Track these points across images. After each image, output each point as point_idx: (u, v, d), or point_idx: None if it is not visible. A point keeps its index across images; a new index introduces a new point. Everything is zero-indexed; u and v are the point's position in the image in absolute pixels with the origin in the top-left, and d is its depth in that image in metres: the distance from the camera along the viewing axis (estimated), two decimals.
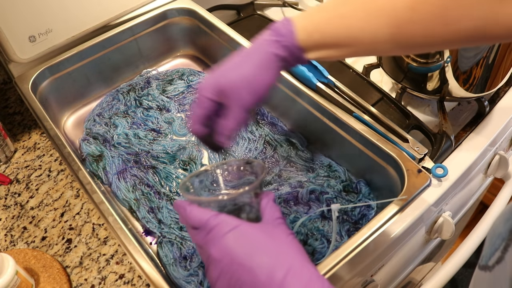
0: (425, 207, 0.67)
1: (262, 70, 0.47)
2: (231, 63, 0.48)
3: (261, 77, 0.47)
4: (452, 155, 0.74)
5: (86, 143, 0.75)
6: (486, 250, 0.44)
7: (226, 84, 0.47)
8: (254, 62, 0.47)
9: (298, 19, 0.46)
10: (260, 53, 0.47)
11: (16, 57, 0.75)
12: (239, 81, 0.46)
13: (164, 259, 0.61)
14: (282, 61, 0.47)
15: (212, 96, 0.48)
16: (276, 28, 0.46)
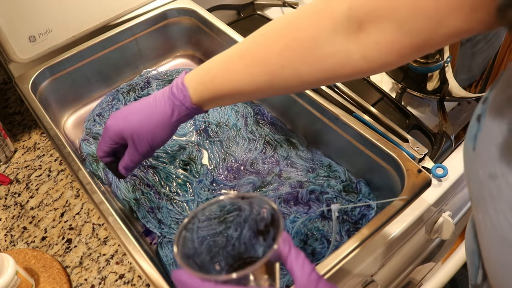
0: (425, 207, 0.67)
1: (161, 129, 0.54)
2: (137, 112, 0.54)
3: (160, 134, 0.54)
4: (452, 155, 0.74)
5: (86, 143, 0.75)
6: (469, 269, 0.44)
7: (128, 134, 0.54)
8: (156, 122, 0.53)
9: (190, 81, 0.52)
10: (162, 115, 0.53)
11: (16, 57, 0.75)
12: (140, 133, 0.54)
13: (164, 259, 0.61)
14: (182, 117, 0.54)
15: (114, 138, 0.55)
16: (173, 93, 0.52)
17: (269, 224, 0.41)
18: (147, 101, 0.54)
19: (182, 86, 0.52)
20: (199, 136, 0.77)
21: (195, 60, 0.94)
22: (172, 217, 0.66)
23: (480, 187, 0.34)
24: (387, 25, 0.39)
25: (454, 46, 0.68)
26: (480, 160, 0.34)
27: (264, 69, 0.47)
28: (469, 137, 0.37)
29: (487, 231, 0.34)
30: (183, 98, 0.52)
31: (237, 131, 0.76)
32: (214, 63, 0.51)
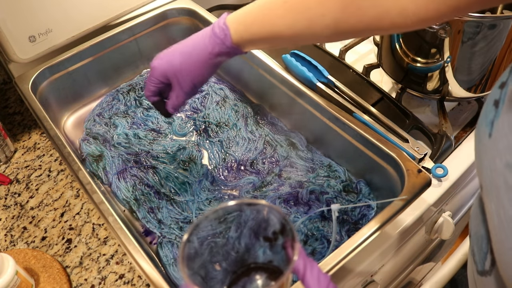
0: (425, 207, 0.67)
1: (202, 66, 0.56)
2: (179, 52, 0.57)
3: (200, 71, 0.56)
4: (452, 155, 0.74)
5: (86, 143, 0.75)
6: (476, 254, 0.43)
7: (171, 73, 0.57)
8: (196, 59, 0.56)
9: (232, 22, 0.54)
10: (203, 51, 0.55)
11: (16, 57, 0.75)
12: (182, 72, 0.57)
13: (164, 259, 0.61)
14: (222, 56, 0.56)
15: (160, 78, 0.58)
16: (215, 32, 0.54)
17: (278, 232, 0.41)
18: (188, 42, 0.57)
19: (223, 25, 0.54)
20: (199, 136, 0.77)
21: None
22: (172, 217, 0.66)
23: (495, 175, 0.33)
24: None
25: (454, 47, 0.68)
26: (497, 148, 0.33)
27: (304, 16, 0.49)
28: (485, 122, 0.36)
29: (500, 221, 0.33)
30: (224, 37, 0.54)
31: (237, 131, 0.76)
32: (256, 6, 0.53)
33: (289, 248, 0.38)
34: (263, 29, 0.52)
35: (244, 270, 0.43)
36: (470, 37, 0.66)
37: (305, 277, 0.38)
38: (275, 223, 0.40)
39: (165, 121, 0.79)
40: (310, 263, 0.38)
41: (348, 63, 0.87)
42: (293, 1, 0.49)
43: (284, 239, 0.40)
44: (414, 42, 0.73)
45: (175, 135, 0.77)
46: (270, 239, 0.42)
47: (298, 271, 0.38)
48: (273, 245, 0.42)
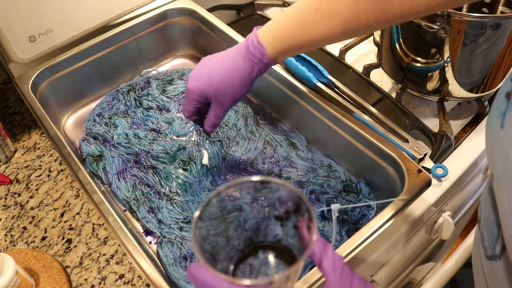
0: (425, 207, 0.67)
1: (241, 85, 0.58)
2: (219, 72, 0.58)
3: (241, 89, 0.59)
4: (452, 155, 0.74)
5: (86, 143, 0.75)
6: (486, 240, 0.44)
7: (211, 92, 0.59)
8: (237, 79, 0.58)
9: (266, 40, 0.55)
10: (243, 73, 0.57)
11: (16, 57, 0.75)
12: (222, 91, 0.59)
13: (164, 259, 0.61)
14: (262, 72, 0.58)
15: (198, 98, 0.60)
16: (252, 53, 0.56)
17: (291, 211, 0.40)
18: (225, 61, 0.58)
19: (259, 45, 0.56)
20: (199, 136, 0.77)
21: (195, 60, 0.94)
22: (172, 217, 0.66)
23: (508, 165, 0.34)
24: None
25: (454, 47, 0.68)
26: (510, 139, 0.34)
27: (339, 21, 0.50)
28: (497, 114, 0.37)
29: (511, 209, 0.33)
30: (261, 56, 0.56)
31: (237, 131, 0.76)
32: (286, 17, 0.54)
33: (304, 228, 0.38)
34: (299, 40, 0.54)
35: (252, 249, 0.43)
36: (472, 38, 0.66)
37: (322, 260, 0.37)
38: (289, 202, 0.40)
39: (165, 121, 0.79)
40: (324, 244, 0.38)
41: (348, 63, 0.87)
42: (325, 8, 0.51)
43: (297, 218, 0.39)
44: (414, 42, 0.73)
45: (175, 135, 0.77)
46: (281, 218, 0.41)
47: (314, 253, 0.38)
48: (283, 224, 0.41)
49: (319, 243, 0.38)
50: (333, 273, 0.37)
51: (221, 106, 0.61)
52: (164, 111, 0.81)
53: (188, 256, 0.61)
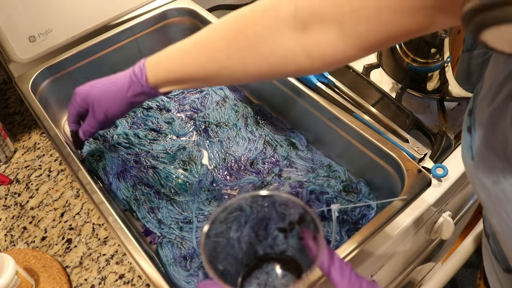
0: (425, 207, 0.67)
1: (117, 101, 0.59)
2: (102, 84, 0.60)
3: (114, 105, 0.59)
4: (452, 155, 0.74)
5: (86, 143, 0.75)
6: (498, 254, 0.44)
7: (91, 99, 0.60)
8: (113, 93, 0.59)
9: (150, 64, 0.56)
10: (121, 88, 0.58)
11: (16, 57, 0.75)
12: (99, 102, 0.60)
13: (164, 259, 0.61)
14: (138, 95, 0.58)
15: (80, 102, 0.61)
16: (134, 71, 0.57)
17: (295, 222, 0.40)
18: (114, 76, 0.60)
19: (142, 66, 0.57)
20: (199, 136, 0.77)
21: None
22: (172, 217, 0.66)
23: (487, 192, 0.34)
24: (330, 26, 0.41)
25: (454, 47, 0.68)
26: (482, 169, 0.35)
27: (213, 58, 0.51)
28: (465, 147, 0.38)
29: (503, 232, 0.34)
30: (140, 76, 0.56)
31: (237, 131, 0.76)
32: (172, 49, 0.55)
33: (309, 239, 0.38)
34: (177, 71, 0.54)
35: (256, 262, 0.43)
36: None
37: (330, 269, 0.38)
38: (292, 213, 0.40)
39: (165, 121, 0.79)
40: (330, 253, 0.39)
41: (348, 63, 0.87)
42: (204, 45, 0.51)
43: (301, 229, 0.39)
44: (414, 42, 0.73)
45: (175, 135, 0.77)
46: (285, 229, 0.41)
47: (322, 263, 0.38)
48: (287, 235, 0.42)
49: (326, 252, 0.38)
50: (341, 281, 0.38)
51: (94, 117, 0.61)
52: (164, 111, 0.81)
53: (188, 256, 0.61)
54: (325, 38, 0.42)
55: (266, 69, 0.48)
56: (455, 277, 0.75)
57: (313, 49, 0.43)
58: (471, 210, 1.03)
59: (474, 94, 0.39)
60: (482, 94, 0.36)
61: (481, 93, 0.36)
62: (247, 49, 0.48)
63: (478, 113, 0.36)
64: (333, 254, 0.39)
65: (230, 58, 0.49)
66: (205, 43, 0.51)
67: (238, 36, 0.48)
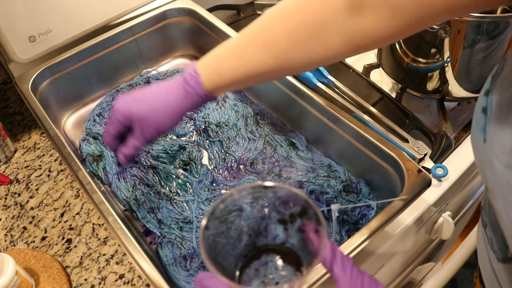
0: (425, 207, 0.67)
1: (169, 115, 0.53)
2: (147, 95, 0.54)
3: (169, 120, 0.54)
4: (452, 155, 0.74)
5: (86, 143, 0.75)
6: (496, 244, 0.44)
7: (136, 115, 0.54)
8: (166, 107, 0.53)
9: (202, 69, 0.52)
10: (173, 100, 0.53)
11: (16, 57, 0.75)
12: (148, 119, 0.54)
13: (164, 259, 0.61)
14: (194, 106, 0.54)
15: (122, 120, 0.54)
16: (186, 80, 0.53)
17: (296, 214, 0.40)
18: (159, 87, 0.55)
19: (194, 73, 0.52)
20: (199, 136, 0.77)
21: (195, 60, 0.94)
22: (172, 217, 0.66)
23: (497, 177, 0.34)
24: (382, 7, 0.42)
25: (454, 47, 0.68)
26: (494, 152, 0.34)
27: (274, 53, 0.49)
28: (477, 129, 0.37)
29: (508, 219, 0.34)
30: (196, 85, 0.52)
31: (237, 131, 0.76)
32: (224, 49, 0.52)
33: (311, 231, 0.38)
34: (235, 72, 0.51)
35: (255, 253, 0.43)
36: (472, 38, 0.66)
37: (332, 264, 0.38)
38: (294, 205, 0.40)
39: None
40: (332, 247, 0.38)
41: (348, 63, 0.87)
42: (261, 40, 0.49)
43: (303, 222, 0.39)
44: (414, 42, 0.73)
45: (175, 135, 0.77)
46: (286, 221, 0.41)
47: (324, 258, 0.38)
48: (287, 227, 0.42)
49: (328, 246, 0.38)
50: (343, 276, 0.38)
51: (142, 135, 0.55)
52: None
53: (188, 256, 0.61)
54: (377, 18, 0.43)
55: (327, 54, 0.48)
56: (455, 277, 0.75)
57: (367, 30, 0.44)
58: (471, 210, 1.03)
59: (492, 74, 0.39)
60: (504, 75, 0.36)
61: (502, 73, 0.36)
62: (309, 38, 0.47)
63: (496, 93, 0.36)
64: (335, 249, 0.39)
65: (293, 50, 0.48)
66: (263, 38, 0.49)
67: (299, 26, 0.47)
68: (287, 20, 0.48)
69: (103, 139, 0.57)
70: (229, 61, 0.51)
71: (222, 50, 0.52)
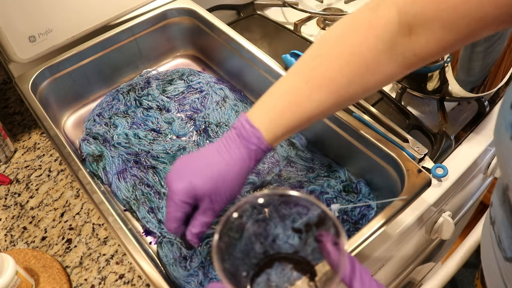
0: (425, 207, 0.67)
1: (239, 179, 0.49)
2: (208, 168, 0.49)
3: (238, 184, 0.49)
4: (452, 155, 0.74)
5: (86, 143, 0.75)
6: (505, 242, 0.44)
7: (202, 191, 0.48)
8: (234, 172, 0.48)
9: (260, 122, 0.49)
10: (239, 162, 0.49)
11: (16, 57, 0.75)
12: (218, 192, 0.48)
13: (164, 259, 0.61)
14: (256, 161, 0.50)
15: (188, 200, 0.49)
16: (246, 137, 0.49)
17: (312, 224, 0.39)
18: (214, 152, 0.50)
19: (252, 128, 0.48)
20: (199, 136, 0.77)
21: (195, 60, 0.94)
22: None
23: None
24: (434, 25, 0.42)
25: None
26: None
27: (332, 89, 0.47)
28: (504, 125, 0.37)
29: None
30: (258, 141, 0.48)
31: None
32: (278, 97, 0.49)
33: (328, 242, 0.37)
34: (295, 118, 0.48)
35: (267, 261, 0.42)
36: None
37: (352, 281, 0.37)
38: (311, 215, 0.39)
39: (165, 121, 0.79)
40: (351, 260, 0.38)
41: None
42: (316, 79, 0.47)
43: (319, 232, 0.39)
44: None
45: (175, 135, 0.77)
46: (301, 230, 0.41)
47: (344, 274, 0.37)
48: (302, 236, 0.41)
49: (347, 259, 0.37)
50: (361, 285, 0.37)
51: (212, 209, 0.49)
52: (164, 111, 0.81)
53: (188, 256, 0.61)
54: (432, 36, 0.42)
55: (383, 79, 0.47)
56: (455, 277, 0.75)
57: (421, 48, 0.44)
58: (471, 210, 1.03)
59: None
60: None
61: None
62: (364, 68, 0.46)
63: None
64: (354, 262, 0.37)
65: (350, 84, 0.47)
66: (318, 79, 0.47)
67: (353, 58, 0.46)
68: (339, 54, 0.46)
69: (167, 228, 0.50)
70: (288, 109, 0.48)
71: (276, 98, 0.49)
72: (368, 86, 0.48)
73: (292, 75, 0.49)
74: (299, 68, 0.49)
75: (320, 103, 0.48)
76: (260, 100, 0.50)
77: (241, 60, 0.81)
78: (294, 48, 0.82)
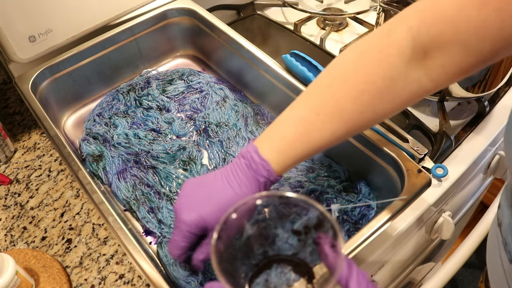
0: (425, 207, 0.67)
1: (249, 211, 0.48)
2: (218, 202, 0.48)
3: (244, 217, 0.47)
4: (452, 155, 0.74)
5: (86, 143, 0.75)
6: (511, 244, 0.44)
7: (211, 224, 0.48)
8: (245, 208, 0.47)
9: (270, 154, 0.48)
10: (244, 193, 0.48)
11: (16, 57, 0.75)
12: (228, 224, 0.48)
13: (164, 259, 0.61)
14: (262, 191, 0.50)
15: (196, 231, 0.49)
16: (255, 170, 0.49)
17: (311, 226, 0.39)
18: (224, 180, 0.50)
19: (262, 161, 0.49)
20: (199, 136, 0.77)
21: (195, 60, 0.94)
22: (172, 217, 0.66)
23: None
24: (451, 48, 0.40)
25: None
26: None
27: (343, 120, 0.47)
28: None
29: None
30: (268, 173, 0.49)
31: (237, 131, 0.76)
32: (288, 128, 0.49)
33: (326, 245, 0.37)
34: (305, 149, 0.48)
35: (266, 262, 0.42)
36: None
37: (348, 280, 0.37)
38: (310, 217, 0.39)
39: (165, 121, 0.79)
40: (348, 263, 0.38)
41: None
42: (327, 110, 0.46)
43: (318, 234, 0.39)
44: None
45: (175, 135, 0.77)
46: (300, 232, 0.41)
47: (340, 276, 0.37)
48: (301, 238, 0.41)
49: (344, 262, 0.37)
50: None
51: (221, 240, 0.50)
52: (164, 111, 0.81)
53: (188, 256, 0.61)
54: (448, 59, 0.41)
55: (396, 107, 0.46)
56: (455, 277, 0.75)
57: (437, 73, 0.43)
58: (471, 210, 1.03)
59: None
60: None
61: None
62: (379, 97, 0.45)
63: None
64: (351, 264, 0.37)
65: (363, 113, 0.46)
66: (329, 108, 0.46)
67: (366, 87, 0.45)
68: (352, 83, 0.46)
69: (171, 253, 0.52)
70: (299, 140, 0.48)
71: (286, 129, 0.49)
72: (380, 114, 0.47)
73: (303, 104, 0.49)
74: (310, 95, 0.48)
75: (331, 134, 0.47)
76: (270, 128, 0.50)
77: (241, 60, 0.81)
78: (294, 48, 0.81)
